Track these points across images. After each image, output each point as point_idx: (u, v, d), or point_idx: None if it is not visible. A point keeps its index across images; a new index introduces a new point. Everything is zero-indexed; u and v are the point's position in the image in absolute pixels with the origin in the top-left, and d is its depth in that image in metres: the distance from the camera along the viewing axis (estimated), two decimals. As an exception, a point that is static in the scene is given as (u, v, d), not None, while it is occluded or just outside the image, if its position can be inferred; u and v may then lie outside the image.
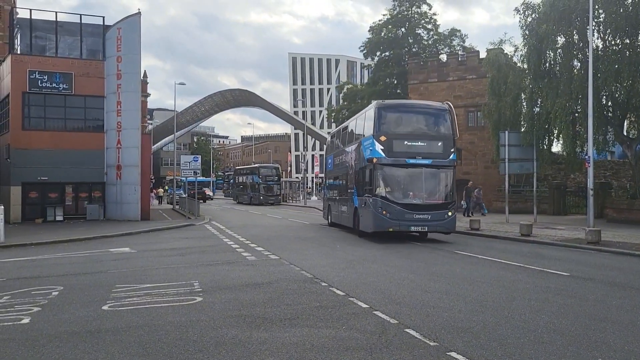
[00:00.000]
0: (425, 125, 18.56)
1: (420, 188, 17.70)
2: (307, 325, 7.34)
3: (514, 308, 8.23)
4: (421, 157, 17.38)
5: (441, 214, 17.38)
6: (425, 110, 19.19)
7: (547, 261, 13.43)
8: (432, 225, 17.42)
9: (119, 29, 29.46)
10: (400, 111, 19.12)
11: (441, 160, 17.57)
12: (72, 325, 7.62)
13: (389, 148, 17.39)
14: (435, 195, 17.87)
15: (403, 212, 17.08)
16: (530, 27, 25.70)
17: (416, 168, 17.41)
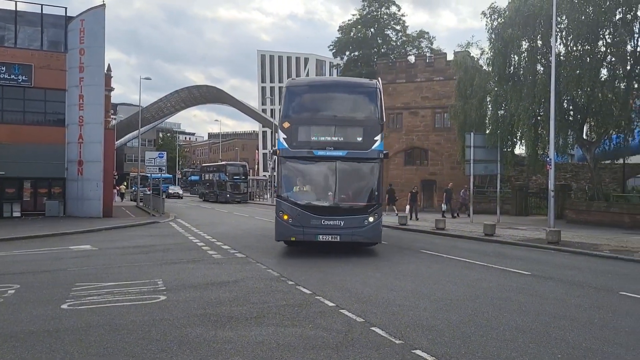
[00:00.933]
0: (342, 108, 15.02)
1: (332, 187, 14.13)
2: (273, 324, 7.29)
3: (477, 306, 8.36)
4: (333, 147, 13.91)
5: (358, 219, 13.79)
6: (343, 88, 15.73)
7: (509, 260, 13.71)
8: (345, 233, 13.72)
9: (82, 20, 28.69)
10: (312, 90, 15.50)
11: (360, 151, 13.94)
12: (29, 324, 7.37)
13: (293, 137, 14.12)
14: (351, 196, 14.30)
15: (308, 217, 13.71)
16: (496, 31, 26.17)
17: (326, 162, 14.00)
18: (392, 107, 37.39)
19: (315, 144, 14.04)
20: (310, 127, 14.36)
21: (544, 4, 23.79)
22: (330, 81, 17.16)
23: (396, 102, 37.27)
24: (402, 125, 37.26)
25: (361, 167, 14.24)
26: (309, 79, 16.52)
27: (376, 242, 14.67)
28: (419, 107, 36.66)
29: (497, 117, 27.03)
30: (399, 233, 21.83)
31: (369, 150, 13.99)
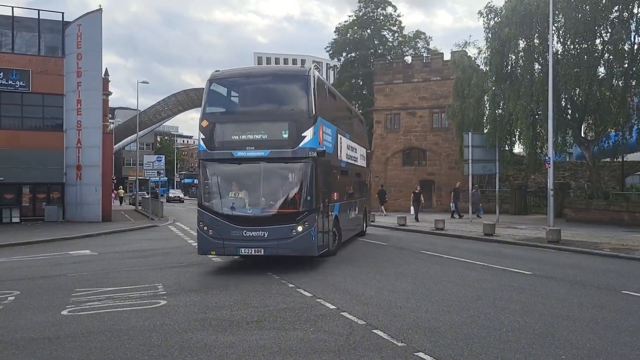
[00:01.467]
0: (265, 101, 13.24)
1: (253, 192, 12.30)
2: (275, 328, 7.25)
3: (479, 307, 8.33)
4: (254, 147, 12.05)
5: (285, 229, 11.69)
6: (269, 78, 13.82)
7: (510, 260, 13.68)
8: (270, 246, 11.73)
9: (79, 25, 28.67)
10: (234, 82, 13.44)
11: (285, 150, 11.95)
12: (29, 331, 7.33)
13: (211, 137, 12.40)
14: (276, 203, 12.10)
15: (229, 228, 11.87)
16: (493, 30, 26.17)
17: (248, 164, 12.20)
18: (390, 107, 37.41)
19: (235, 143, 12.19)
20: (229, 125, 12.53)
21: (540, 2, 23.82)
22: (256, 71, 14.60)
23: (394, 103, 37.28)
24: (399, 126, 37.25)
25: (287, 168, 12.20)
26: (234, 70, 14.31)
27: (311, 255, 12.16)
28: (417, 108, 36.65)
29: (495, 117, 27.05)
30: (398, 234, 21.83)
31: (295, 148, 11.87)
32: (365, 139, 22.21)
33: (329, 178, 13.55)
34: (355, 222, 18.02)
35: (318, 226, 12.07)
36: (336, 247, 14.38)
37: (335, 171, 14.79)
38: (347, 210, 16.28)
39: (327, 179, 13.29)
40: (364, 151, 20.70)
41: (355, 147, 18.14)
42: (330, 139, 13.93)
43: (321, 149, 12.26)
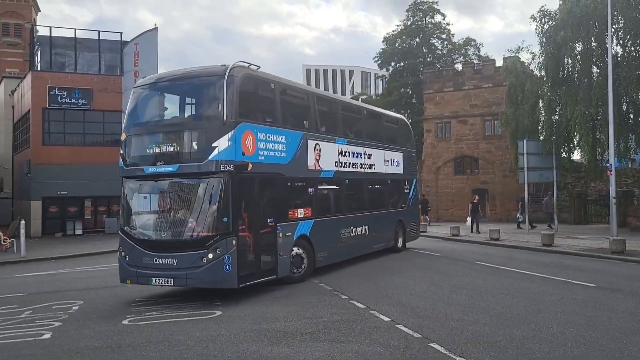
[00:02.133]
0: (179, 108, 11.77)
1: (163, 213, 10.81)
2: (329, 340, 7.22)
3: (540, 321, 8.02)
4: (164, 162, 10.43)
5: (193, 257, 9.93)
6: (185, 81, 11.59)
7: (571, 272, 13.13)
8: (179, 276, 10.01)
9: (136, 44, 29.85)
10: (152, 88, 11.70)
11: (194, 164, 10.20)
12: (92, 340, 7.60)
13: (127, 151, 11.07)
14: (185, 226, 10.42)
15: (141, 254, 10.36)
16: (547, 34, 25.40)
17: (158, 180, 10.72)
18: (440, 116, 36.87)
19: (146, 158, 10.67)
20: (142, 137, 11.03)
21: (597, 4, 22.95)
22: (171, 75, 12.05)
23: (444, 111, 36.73)
24: (450, 134, 36.62)
25: (197, 185, 10.46)
26: (156, 75, 12.93)
27: (228, 286, 10.11)
28: (468, 115, 35.94)
29: (552, 123, 26.15)
30: (451, 244, 21.39)
31: (204, 161, 10.03)
32: (403, 143, 19.08)
33: (279, 193, 11.47)
34: (366, 238, 15.49)
35: (240, 252, 10.00)
36: (305, 272, 12.13)
37: (303, 184, 12.66)
38: (337, 228, 13.89)
39: (272, 195, 11.33)
40: (400, 156, 18.07)
41: (362, 153, 15.40)
42: (282, 147, 11.62)
43: (242, 160, 10.21)
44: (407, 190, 18.71)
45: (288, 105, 13.04)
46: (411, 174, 19.33)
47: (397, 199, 18.12)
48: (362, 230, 15.32)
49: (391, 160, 17.45)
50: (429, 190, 36.57)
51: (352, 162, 14.94)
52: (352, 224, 14.72)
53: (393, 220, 17.52)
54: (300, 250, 12.19)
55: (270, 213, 11.21)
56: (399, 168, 18.11)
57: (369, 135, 16.59)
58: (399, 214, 17.95)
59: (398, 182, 18.13)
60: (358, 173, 15.30)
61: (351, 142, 14.98)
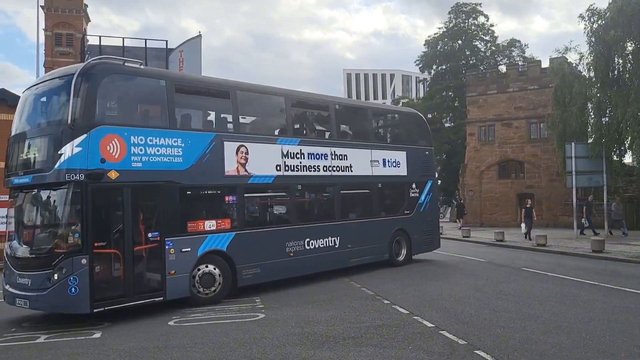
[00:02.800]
0: (39, 112, 10.45)
1: (22, 228, 9.99)
2: (372, 345, 7.17)
3: (592, 330, 7.74)
4: (23, 172, 9.71)
5: (42, 277, 8.90)
6: (46, 84, 10.40)
7: (624, 279, 12.62)
8: (32, 298, 9.00)
9: (180, 51, 30.54)
10: (29, 93, 10.59)
11: (42, 173, 9.25)
12: (140, 340, 7.79)
13: (7, 160, 10.43)
14: (35, 243, 9.63)
15: (10, 272, 9.65)
16: (597, 33, 24.59)
17: (22, 192, 9.93)
18: (484, 119, 36.20)
19: (16, 168, 10.00)
20: (13, 145, 10.25)
21: (650, 1, 22.10)
22: (42, 78, 11.06)
23: (487, 114, 36.04)
24: (494, 138, 35.87)
25: (48, 197, 9.45)
26: (36, 79, 11.85)
27: (77, 312, 8.97)
28: (512, 118, 35.14)
29: (601, 125, 25.24)
30: (495, 249, 20.92)
31: (50, 171, 9.03)
32: (410, 141, 16.70)
33: (170, 203, 10.03)
34: (336, 251, 13.41)
35: (96, 272, 8.88)
36: (219, 292, 10.63)
37: (216, 192, 11.20)
38: (279, 240, 12.12)
39: (159, 206, 9.99)
40: (402, 156, 15.67)
41: (329, 154, 13.43)
42: (176, 152, 10.19)
43: (98, 169, 9.03)
44: (415, 195, 16.11)
45: (191, 104, 11.62)
46: (423, 176, 16.51)
47: (395, 205, 15.86)
48: (329, 242, 13.28)
49: (385, 161, 15.13)
50: (471, 195, 35.93)
51: (310, 165, 12.94)
52: (307, 235, 12.72)
53: (388, 230, 15.13)
54: (212, 268, 10.60)
55: (155, 226, 9.83)
56: (400, 169, 15.62)
57: (346, 133, 15.13)
58: (398, 222, 15.51)
59: (397, 185, 15.76)
60: (320, 177, 13.23)
61: (308, 142, 13.15)
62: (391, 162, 15.39)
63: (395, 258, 15.35)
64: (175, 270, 9.93)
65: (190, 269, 10.26)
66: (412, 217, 15.93)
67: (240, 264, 11.07)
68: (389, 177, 15.30)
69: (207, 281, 10.54)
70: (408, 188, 15.96)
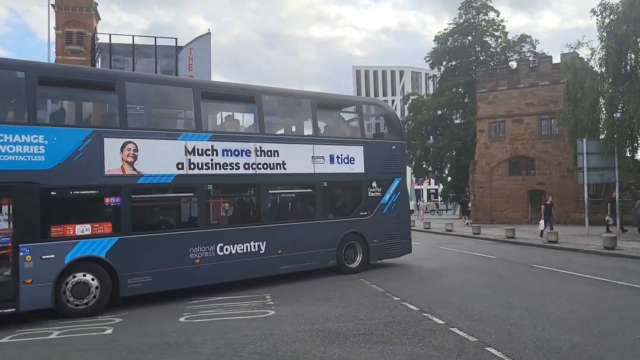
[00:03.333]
0: None
1: None
2: (382, 342, 7.16)
3: (604, 327, 7.67)
4: None
5: None
6: None
7: (636, 276, 12.48)
8: None
9: (190, 49, 30.64)
10: None
11: None
12: (151, 336, 7.84)
13: None
14: None
15: None
16: (609, 28, 24.34)
17: None
18: (494, 115, 35.97)
19: None
20: None
21: (663, -5, 21.84)
22: None
23: (498, 110, 35.80)
24: (505, 134, 35.63)
25: None
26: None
27: None
28: (523, 114, 34.88)
29: (613, 121, 24.99)
30: (505, 246, 20.81)
31: None
32: (373, 134, 15.63)
33: (27, 206, 9.17)
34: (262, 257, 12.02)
35: None
36: (95, 304, 9.66)
37: (93, 192, 10.23)
38: (180, 246, 10.93)
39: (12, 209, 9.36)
40: (357, 152, 13.95)
41: (252, 150, 12.07)
42: (37, 149, 9.27)
43: None
44: (375, 194, 14.27)
45: (61, 97, 10.90)
46: (387, 173, 14.57)
47: (347, 205, 14.27)
48: (251, 247, 11.90)
49: (334, 157, 13.48)
50: (482, 192, 35.74)
51: (226, 163, 11.64)
52: (220, 240, 11.46)
53: (336, 234, 13.49)
54: (89, 277, 9.64)
55: (7, 231, 9.12)
56: (355, 166, 13.88)
57: (279, 127, 14.15)
58: (351, 224, 13.85)
59: (351, 184, 14.12)
60: (240, 176, 11.93)
61: (223, 138, 11.88)
62: (342, 159, 13.69)
63: (345, 265, 13.62)
64: (32, 279, 9.00)
65: (53, 277, 9.24)
66: (371, 219, 14.13)
67: (125, 271, 10.04)
68: (338, 175, 13.59)
69: (80, 291, 9.52)
70: (366, 187, 14.12)
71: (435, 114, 47.92)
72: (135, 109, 11.41)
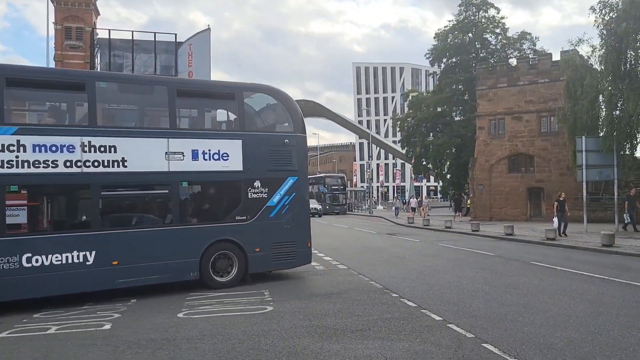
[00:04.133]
0: None
1: None
2: (380, 338, 7.20)
3: (600, 324, 7.71)
4: None
5: None
6: None
7: (634, 274, 12.54)
8: None
9: (190, 45, 30.58)
10: None
11: None
12: (149, 332, 7.86)
13: None
14: None
15: None
16: (608, 26, 24.33)
17: None
18: (494, 112, 35.99)
19: None
20: None
21: (663, -7, 21.82)
22: None
23: (498, 108, 35.81)
24: (504, 131, 35.66)
25: None
26: None
27: None
28: (523, 112, 34.90)
29: (613, 119, 25.01)
30: (504, 244, 20.86)
31: None
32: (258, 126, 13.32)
33: None
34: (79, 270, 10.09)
35: None
36: None
37: None
38: None
39: None
40: (234, 146, 11.88)
41: (78, 145, 10.26)
42: None
43: None
44: (259, 196, 12.06)
45: None
46: (277, 171, 12.36)
47: (218, 209, 12.21)
48: (73, 258, 10.08)
49: (199, 153, 11.43)
50: (481, 189, 35.77)
51: (39, 160, 9.92)
52: (25, 249, 9.66)
53: (200, 241, 11.38)
54: None
55: None
56: (230, 163, 11.78)
57: (118, 118, 12.64)
58: (223, 231, 11.72)
59: (224, 184, 12.14)
60: (59, 175, 10.14)
61: (34, 131, 10.31)
62: (212, 154, 11.61)
63: (212, 278, 11.45)
64: None
65: None
66: (252, 224, 11.93)
67: None
68: (205, 173, 11.61)
69: None
70: (246, 187, 11.96)
71: (435, 111, 47.93)
72: None
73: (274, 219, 12.24)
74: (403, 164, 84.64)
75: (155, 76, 13.26)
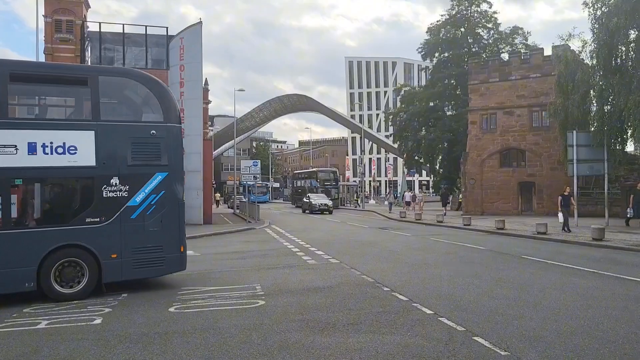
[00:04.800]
0: None
1: None
2: (371, 331, 7.22)
3: (590, 317, 7.77)
4: None
5: None
6: None
7: (623, 267, 12.66)
8: None
9: (181, 38, 30.39)
10: None
11: None
12: (141, 326, 7.84)
13: None
14: None
15: None
16: (600, 21, 24.43)
17: None
18: (486, 107, 36.10)
19: None
20: None
21: (654, -12, 21.91)
22: None
23: (490, 102, 35.93)
24: (496, 126, 35.79)
25: None
26: None
27: None
28: (514, 106, 35.04)
29: (603, 113, 25.16)
30: (496, 238, 20.97)
31: None
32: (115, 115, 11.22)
33: None
34: None
35: None
36: None
37: None
38: None
39: None
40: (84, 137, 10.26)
41: None
42: None
43: None
44: (118, 195, 10.37)
45: None
46: (141, 166, 10.73)
47: (65, 210, 10.64)
48: None
49: (36, 146, 9.78)
50: (472, 184, 35.92)
51: None
52: None
53: (35, 248, 9.71)
54: None
55: None
56: (78, 157, 10.14)
57: None
58: (69, 235, 10.09)
59: (72, 181, 10.77)
60: None
61: None
62: (55, 147, 9.99)
63: (54, 288, 9.81)
64: None
65: None
66: (108, 227, 10.32)
67: None
68: (45, 169, 9.99)
69: None
70: (100, 185, 10.32)
71: (427, 105, 48.01)
72: None
73: (136, 221, 10.57)
74: (395, 159, 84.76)
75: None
